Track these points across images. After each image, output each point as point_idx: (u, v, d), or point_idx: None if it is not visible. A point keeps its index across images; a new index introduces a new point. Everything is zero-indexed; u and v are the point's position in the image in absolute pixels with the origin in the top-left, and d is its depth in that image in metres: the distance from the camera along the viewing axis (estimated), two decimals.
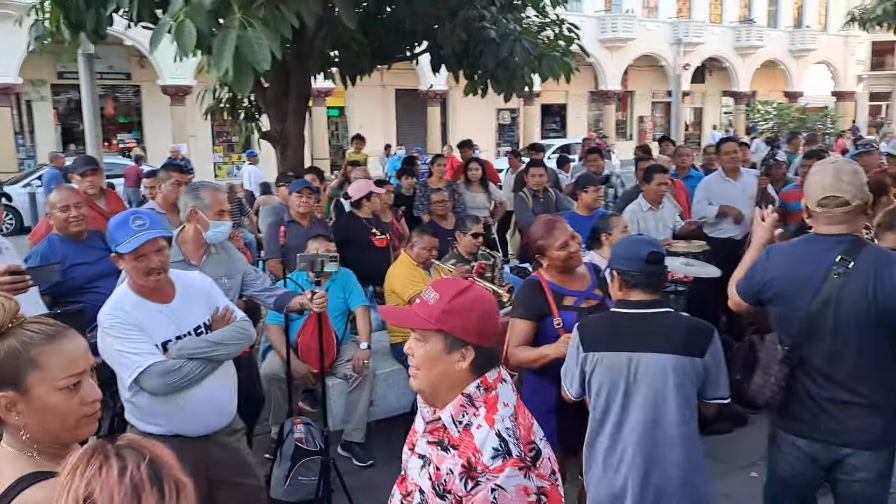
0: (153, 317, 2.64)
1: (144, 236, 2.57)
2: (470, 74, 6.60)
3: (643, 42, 31.26)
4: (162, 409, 2.64)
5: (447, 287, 1.73)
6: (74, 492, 1.11)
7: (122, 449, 1.17)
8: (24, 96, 21.20)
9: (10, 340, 1.46)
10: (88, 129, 8.21)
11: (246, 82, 4.01)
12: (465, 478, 1.59)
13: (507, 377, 1.76)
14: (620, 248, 2.66)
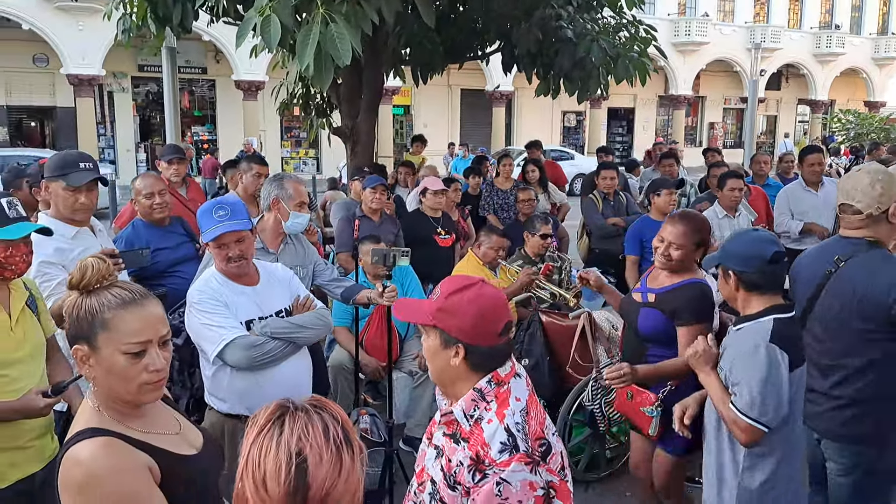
0: (238, 297, 2.74)
1: (222, 228, 2.69)
2: (543, 74, 6.54)
3: (717, 46, 30.48)
4: (240, 386, 2.71)
5: (449, 284, 1.77)
6: (286, 445, 1.15)
7: (318, 409, 1.22)
8: (106, 87, 22.11)
9: (92, 300, 1.58)
10: (168, 120, 8.51)
11: (326, 77, 4.07)
12: (474, 470, 1.63)
13: (521, 371, 1.79)
14: (737, 245, 2.42)
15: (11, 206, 2.28)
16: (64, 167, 2.94)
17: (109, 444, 1.52)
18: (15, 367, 2.28)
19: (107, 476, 1.47)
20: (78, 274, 1.59)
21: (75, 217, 3.03)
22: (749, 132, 19.37)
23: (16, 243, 2.25)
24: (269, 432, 1.18)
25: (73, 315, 1.58)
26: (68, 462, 1.50)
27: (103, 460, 1.48)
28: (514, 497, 1.58)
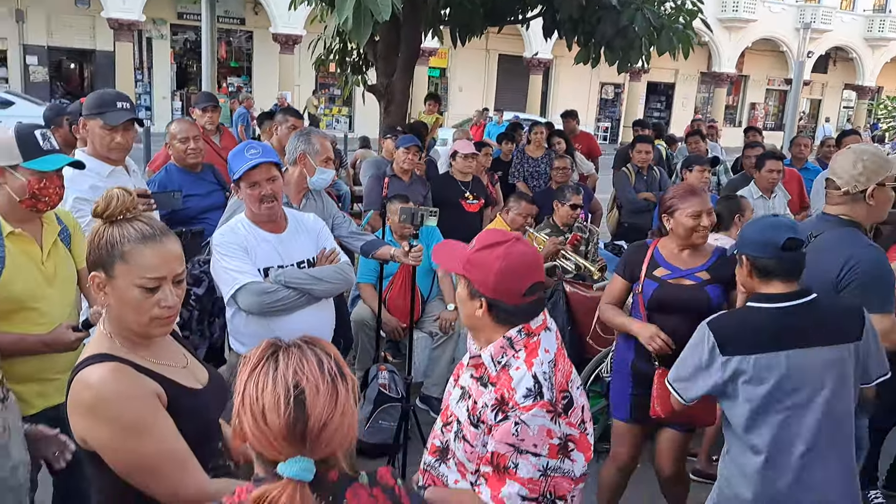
0: (261, 244, 2.76)
1: (256, 160, 2.70)
2: (584, 42, 6.42)
3: (764, 24, 29.64)
4: (255, 331, 2.75)
5: (483, 238, 1.80)
6: (283, 378, 1.19)
7: (310, 345, 1.27)
8: (145, 33, 22.17)
9: (114, 230, 1.60)
10: (205, 69, 8.52)
11: (364, 32, 4.05)
12: (497, 410, 1.69)
13: (552, 326, 1.83)
14: (752, 230, 2.33)
15: (45, 139, 2.30)
16: (101, 106, 2.97)
17: (119, 369, 1.56)
18: (45, 300, 2.32)
19: (115, 399, 1.52)
20: (103, 203, 1.60)
21: (111, 156, 3.06)
22: (791, 115, 18.94)
23: (49, 175, 2.27)
24: (265, 368, 1.22)
25: (94, 242, 1.61)
26: (78, 385, 1.54)
27: (112, 384, 1.53)
28: (530, 439, 1.64)
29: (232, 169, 2.78)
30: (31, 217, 2.33)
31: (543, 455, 1.65)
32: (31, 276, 2.30)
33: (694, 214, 2.91)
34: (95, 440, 1.54)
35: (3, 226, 2.26)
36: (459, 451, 1.80)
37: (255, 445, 1.21)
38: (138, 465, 1.55)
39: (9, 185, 2.26)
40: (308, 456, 1.17)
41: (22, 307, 2.26)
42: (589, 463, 1.73)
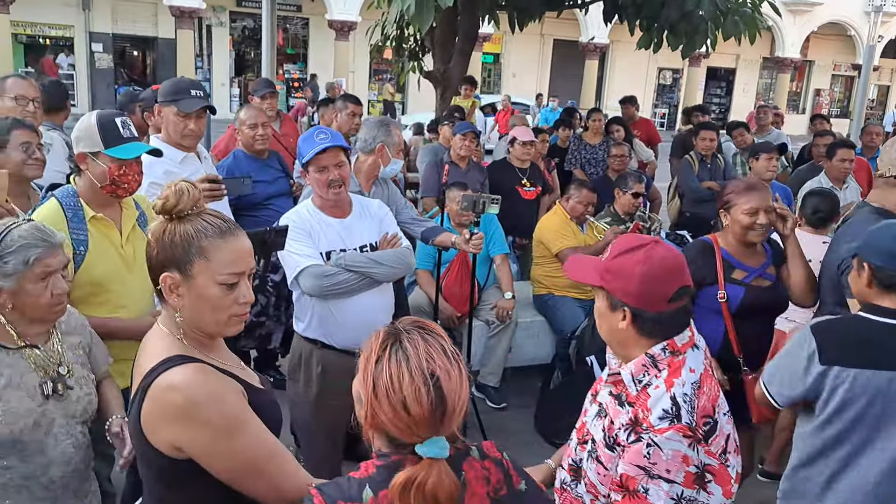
0: (325, 228, 2.82)
1: (324, 144, 2.74)
2: (647, 27, 6.28)
3: (831, 8, 28.44)
4: (316, 312, 2.82)
5: (620, 243, 1.69)
6: (419, 369, 1.25)
7: (427, 331, 1.32)
8: (205, 21, 22.59)
9: (187, 226, 1.50)
10: (265, 56, 8.63)
11: (427, 17, 4.05)
12: (630, 430, 1.59)
13: (700, 343, 1.70)
14: (882, 238, 2.14)
15: (125, 126, 2.35)
16: (176, 93, 3.04)
17: (203, 370, 1.49)
18: (125, 284, 2.40)
19: (207, 400, 1.44)
20: (173, 198, 1.50)
21: (184, 142, 3.13)
22: (860, 101, 18.19)
23: (129, 162, 2.33)
24: (394, 358, 1.27)
25: (164, 240, 1.51)
26: (162, 390, 1.45)
27: (201, 385, 1.46)
28: (663, 464, 1.53)
29: (301, 153, 2.82)
30: (111, 202, 2.40)
31: (678, 482, 1.53)
32: (112, 260, 2.37)
33: (751, 211, 2.80)
34: (192, 446, 1.45)
35: (85, 210, 2.34)
36: (591, 472, 1.71)
37: (394, 432, 1.26)
38: (241, 466, 1.48)
39: (90, 170, 2.32)
40: (442, 434, 1.26)
41: (103, 290, 2.34)
42: (732, 496, 1.60)
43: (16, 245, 1.84)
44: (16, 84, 3.45)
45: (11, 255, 1.83)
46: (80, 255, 2.28)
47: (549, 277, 4.75)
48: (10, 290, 1.85)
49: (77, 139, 2.33)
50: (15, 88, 3.42)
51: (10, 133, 2.69)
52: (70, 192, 2.36)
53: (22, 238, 1.85)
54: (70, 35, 21.47)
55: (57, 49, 21.28)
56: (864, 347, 2.08)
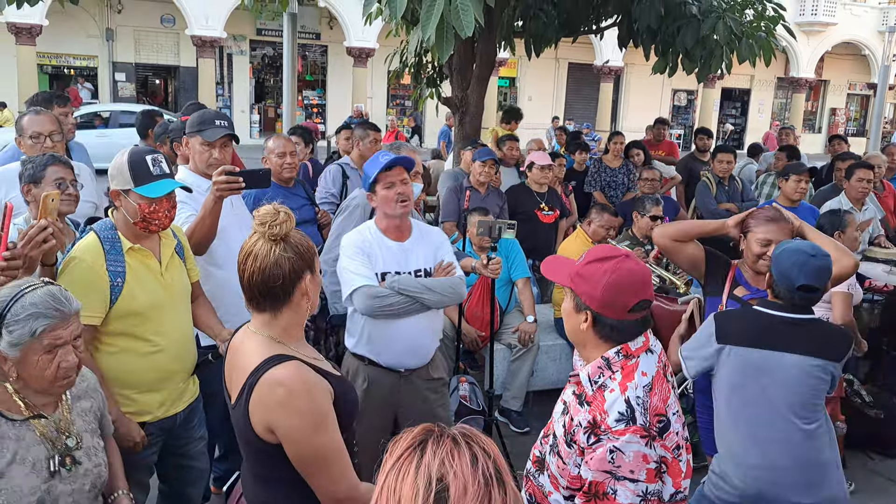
0: (382, 250, 2.92)
1: (391, 158, 2.87)
2: (663, 51, 6.34)
3: (845, 28, 28.46)
4: (368, 330, 2.92)
5: (594, 252, 1.84)
6: (426, 468, 1.04)
7: (466, 438, 1.09)
8: (225, 49, 23.02)
9: (296, 235, 1.81)
10: (286, 83, 8.81)
11: (447, 48, 4.10)
12: (589, 433, 1.72)
13: (655, 348, 1.82)
14: (783, 256, 2.51)
15: (156, 164, 2.39)
16: (201, 123, 3.13)
17: (301, 367, 1.74)
18: (165, 311, 2.46)
19: (304, 394, 1.69)
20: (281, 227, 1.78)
21: (209, 171, 3.18)
22: (876, 120, 18.15)
23: (159, 199, 2.37)
24: (410, 457, 1.07)
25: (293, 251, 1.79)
26: (269, 385, 1.70)
27: (300, 381, 1.70)
28: (627, 466, 1.66)
29: (367, 176, 2.93)
30: (146, 234, 2.46)
31: (641, 480, 1.66)
32: (152, 289, 2.43)
33: (764, 242, 2.88)
34: (284, 431, 1.69)
35: (123, 242, 2.41)
36: (553, 465, 1.85)
37: None
38: (315, 456, 1.72)
39: (123, 207, 2.39)
40: None
41: (143, 319, 2.40)
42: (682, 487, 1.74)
43: (25, 314, 1.75)
44: (31, 122, 3.42)
45: (18, 325, 1.74)
46: (118, 287, 2.35)
47: None
48: (14, 360, 1.77)
49: (111, 176, 2.39)
50: (31, 126, 3.40)
51: (46, 169, 2.77)
52: (108, 225, 2.43)
53: (33, 306, 1.76)
54: (94, 65, 21.96)
55: (80, 78, 21.73)
56: (754, 331, 2.53)
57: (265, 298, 1.79)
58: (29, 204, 2.81)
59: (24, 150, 3.42)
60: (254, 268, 1.76)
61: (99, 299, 2.32)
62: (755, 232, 2.90)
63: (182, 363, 2.53)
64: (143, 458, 2.48)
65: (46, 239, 2.10)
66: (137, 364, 2.42)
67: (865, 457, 4.29)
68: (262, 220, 1.75)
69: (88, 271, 2.31)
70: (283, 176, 4.08)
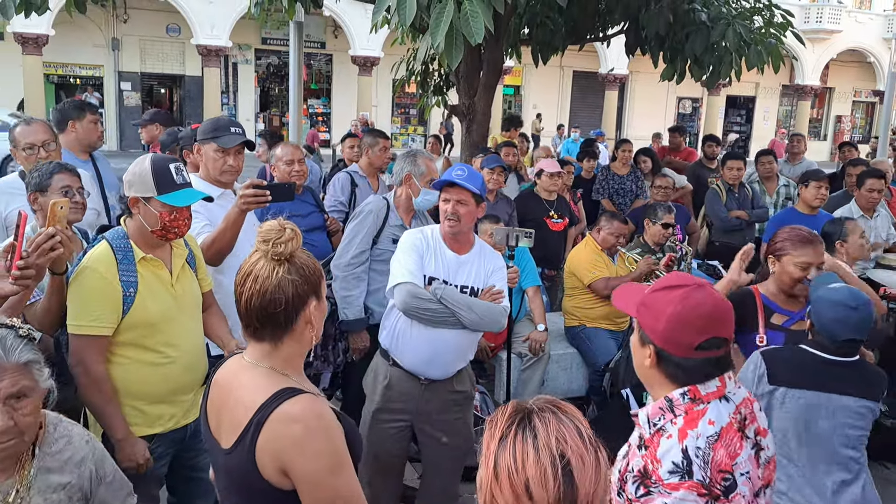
0: (438, 256, 2.93)
1: (456, 179, 2.87)
2: (671, 58, 6.31)
3: (850, 35, 28.47)
4: (401, 327, 2.91)
5: (664, 279, 1.66)
6: (547, 448, 1.09)
7: (562, 411, 1.16)
8: (231, 59, 23.10)
9: (301, 256, 1.62)
10: (292, 92, 8.82)
11: (456, 55, 4.08)
12: (639, 483, 1.53)
13: (733, 396, 1.61)
14: (823, 309, 2.46)
15: (179, 172, 2.37)
16: (216, 130, 3.10)
17: (316, 401, 1.56)
18: (177, 321, 2.43)
19: (324, 432, 1.52)
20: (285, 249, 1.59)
21: (222, 178, 3.17)
22: (884, 128, 18.07)
23: (180, 208, 2.35)
24: (520, 435, 1.11)
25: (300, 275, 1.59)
26: (282, 422, 1.50)
27: (319, 418, 1.53)
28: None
29: (438, 181, 2.97)
30: (161, 243, 2.43)
31: None
32: (163, 300, 2.40)
33: (803, 265, 2.79)
34: (301, 474, 1.51)
35: (135, 251, 2.37)
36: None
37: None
38: (333, 500, 1.54)
39: (142, 214, 2.36)
40: None
41: (155, 330, 2.37)
42: None
43: None
44: (23, 133, 3.35)
45: None
46: (131, 297, 2.32)
47: (581, 309, 4.74)
48: None
49: (130, 183, 2.36)
50: (23, 137, 3.34)
51: (52, 177, 2.74)
52: (120, 233, 2.40)
53: None
54: (100, 75, 22.05)
55: (85, 88, 21.81)
56: (801, 371, 2.47)
57: (264, 326, 1.59)
58: (36, 212, 2.79)
59: (20, 161, 3.37)
60: (253, 290, 1.56)
61: (111, 309, 2.29)
62: (792, 255, 2.81)
63: (192, 374, 2.50)
64: (153, 471, 2.44)
65: (54, 247, 2.06)
66: (147, 375, 2.39)
67: (881, 467, 4.24)
68: (265, 238, 1.56)
69: (101, 281, 2.28)
70: (291, 182, 4.05)
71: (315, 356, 3.26)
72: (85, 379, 2.29)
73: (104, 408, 2.31)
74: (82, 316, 2.27)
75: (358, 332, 3.56)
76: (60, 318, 2.34)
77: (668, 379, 1.60)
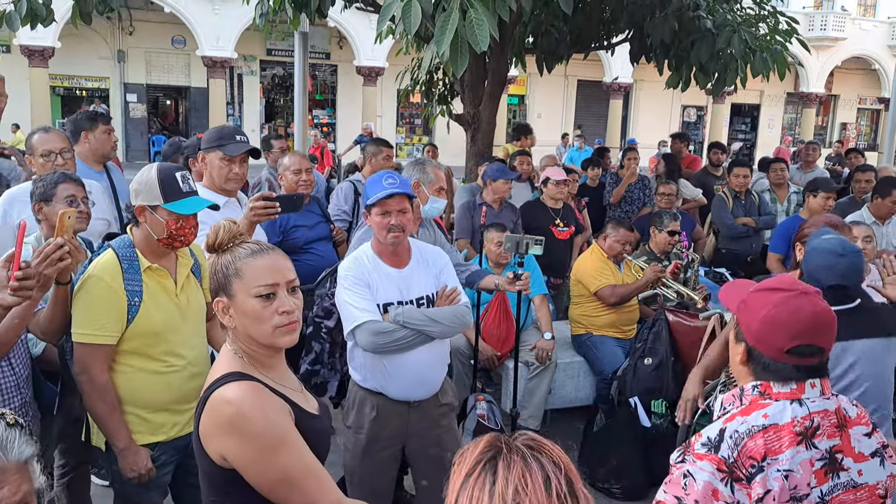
0: (382, 279, 2.76)
1: (391, 190, 2.68)
2: (676, 66, 6.31)
3: (855, 42, 28.45)
4: (369, 364, 2.78)
5: (769, 281, 1.71)
6: (500, 497, 1.01)
7: (535, 453, 1.06)
8: (236, 70, 23.21)
9: (226, 256, 1.70)
10: (297, 103, 8.83)
11: (462, 63, 4.08)
12: (681, 452, 1.62)
13: (810, 402, 1.61)
14: (812, 256, 2.50)
15: (185, 181, 2.37)
16: (221, 138, 3.10)
17: (255, 387, 1.61)
18: (180, 332, 2.42)
19: (256, 415, 1.56)
20: (212, 235, 1.73)
21: (227, 186, 3.16)
22: (889, 135, 18.04)
23: (186, 216, 2.35)
24: (480, 478, 1.04)
25: (211, 272, 1.72)
26: (216, 402, 1.59)
27: (252, 400, 1.57)
28: (694, 495, 1.52)
29: (367, 195, 2.79)
30: (166, 252, 2.43)
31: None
32: (167, 309, 2.39)
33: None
34: (237, 457, 1.57)
35: (141, 261, 2.37)
36: None
37: None
38: (281, 480, 1.58)
39: (148, 223, 2.35)
40: None
41: (159, 339, 2.36)
42: None
43: None
44: (41, 140, 3.38)
45: None
46: (135, 306, 2.31)
47: (588, 317, 4.71)
48: None
49: (136, 192, 2.36)
50: (41, 144, 3.37)
51: (57, 187, 2.74)
52: (126, 242, 2.39)
53: None
54: (105, 86, 22.16)
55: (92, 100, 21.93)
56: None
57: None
58: (40, 222, 2.79)
59: (35, 168, 3.39)
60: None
61: (116, 318, 2.29)
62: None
63: (196, 383, 2.47)
64: (157, 479, 2.42)
65: (63, 257, 2.06)
66: (151, 384, 2.37)
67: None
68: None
69: (107, 290, 2.27)
70: (299, 193, 4.05)
71: (322, 364, 3.23)
72: (89, 387, 2.28)
73: (108, 417, 2.30)
74: (87, 324, 2.27)
75: None
76: (64, 327, 2.33)
77: (752, 373, 1.66)
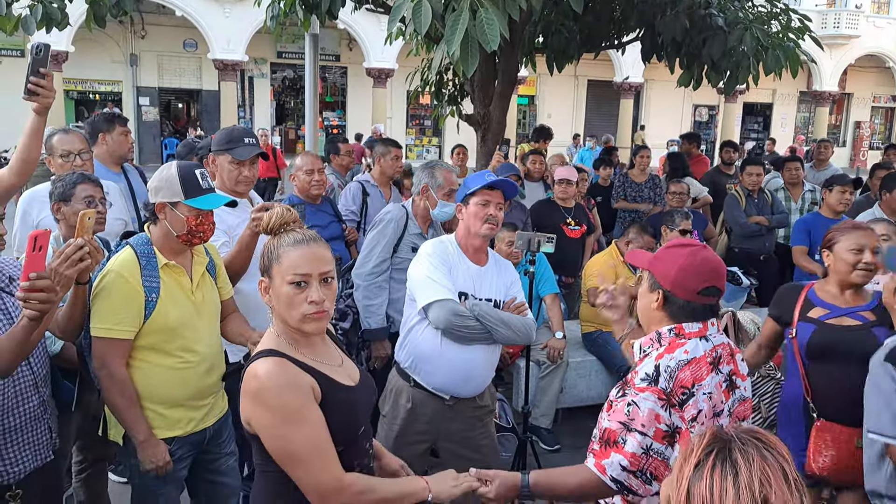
0: (462, 269, 2.81)
1: (494, 180, 2.76)
2: (688, 64, 6.28)
3: (869, 40, 28.22)
4: (425, 349, 2.78)
5: (675, 240, 2.04)
6: (748, 489, 1.06)
7: (767, 447, 1.12)
8: (247, 73, 23.34)
9: (274, 240, 1.84)
10: (308, 105, 8.84)
11: (472, 62, 4.08)
12: (620, 388, 1.89)
13: (713, 338, 1.90)
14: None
15: (204, 178, 2.41)
16: (230, 141, 3.11)
17: (280, 363, 1.74)
18: (196, 329, 2.45)
19: (275, 390, 1.69)
20: (266, 218, 1.87)
21: (237, 189, 3.18)
22: None
23: (205, 213, 2.38)
24: (719, 468, 1.09)
25: (263, 252, 1.85)
26: (248, 375, 1.75)
27: (274, 376, 1.71)
28: (639, 420, 1.79)
29: (467, 185, 2.83)
30: (183, 249, 2.45)
31: (649, 436, 1.78)
32: (183, 306, 2.42)
33: (856, 249, 2.74)
34: (257, 425, 1.73)
35: (158, 258, 2.40)
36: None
37: None
38: (288, 452, 1.71)
39: (168, 219, 2.38)
40: None
41: (175, 336, 2.39)
42: None
43: None
44: (61, 140, 3.44)
45: None
46: (153, 302, 2.34)
47: (598, 314, 4.69)
48: None
49: (156, 189, 2.39)
50: (61, 145, 3.42)
51: (75, 187, 2.79)
52: (144, 240, 2.42)
53: None
54: (118, 90, 22.34)
55: (105, 104, 22.10)
56: None
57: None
58: (59, 222, 2.82)
59: (54, 168, 3.44)
60: None
61: (134, 314, 2.32)
62: (843, 241, 2.78)
63: (210, 379, 2.51)
64: (173, 473, 2.45)
65: (83, 258, 2.08)
66: (167, 379, 2.40)
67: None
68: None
69: (125, 285, 2.31)
70: (311, 193, 4.08)
71: None
72: (109, 382, 2.31)
73: (127, 410, 2.33)
74: (106, 319, 2.30)
75: (380, 340, 3.56)
76: (82, 325, 2.36)
77: (669, 319, 1.92)
